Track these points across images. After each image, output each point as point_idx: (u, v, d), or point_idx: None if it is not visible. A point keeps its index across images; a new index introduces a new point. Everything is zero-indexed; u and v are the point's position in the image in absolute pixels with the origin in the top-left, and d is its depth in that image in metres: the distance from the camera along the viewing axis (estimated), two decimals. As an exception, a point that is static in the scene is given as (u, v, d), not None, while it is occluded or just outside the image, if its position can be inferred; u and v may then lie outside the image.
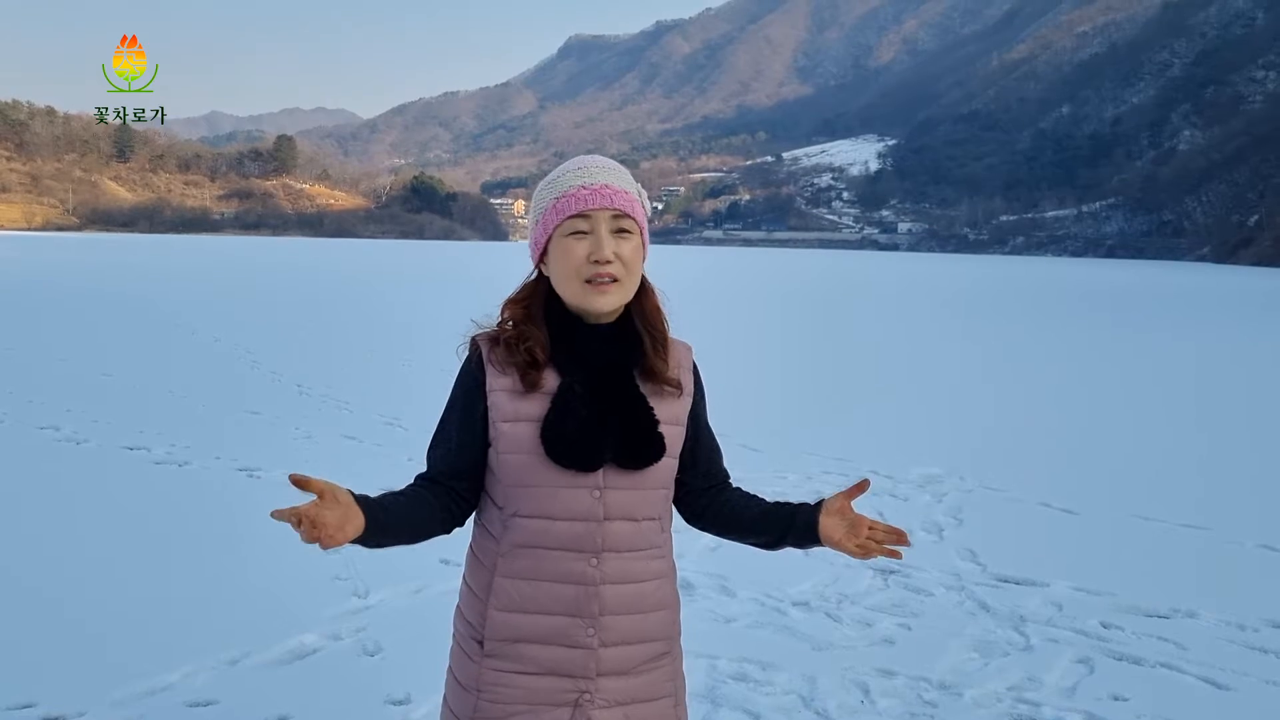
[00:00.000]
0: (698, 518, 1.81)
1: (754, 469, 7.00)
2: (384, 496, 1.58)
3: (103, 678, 3.45)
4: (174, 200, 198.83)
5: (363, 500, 1.51)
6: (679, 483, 1.74)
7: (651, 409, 1.63)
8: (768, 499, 1.80)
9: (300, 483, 1.42)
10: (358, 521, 1.47)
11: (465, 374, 1.68)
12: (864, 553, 1.65)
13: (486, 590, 1.64)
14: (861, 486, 1.69)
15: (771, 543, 1.76)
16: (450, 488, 1.66)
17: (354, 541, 1.49)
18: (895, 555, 1.66)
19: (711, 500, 1.79)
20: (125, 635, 3.86)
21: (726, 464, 1.85)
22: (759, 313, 25.32)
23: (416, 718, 3.28)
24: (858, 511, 1.68)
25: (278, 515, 1.39)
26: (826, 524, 1.67)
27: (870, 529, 1.66)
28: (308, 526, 1.40)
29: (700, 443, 1.76)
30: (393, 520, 1.56)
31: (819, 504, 1.71)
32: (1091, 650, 4.01)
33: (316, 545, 1.42)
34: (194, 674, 3.52)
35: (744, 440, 7.81)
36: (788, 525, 1.72)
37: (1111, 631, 4.23)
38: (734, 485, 1.84)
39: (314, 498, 1.43)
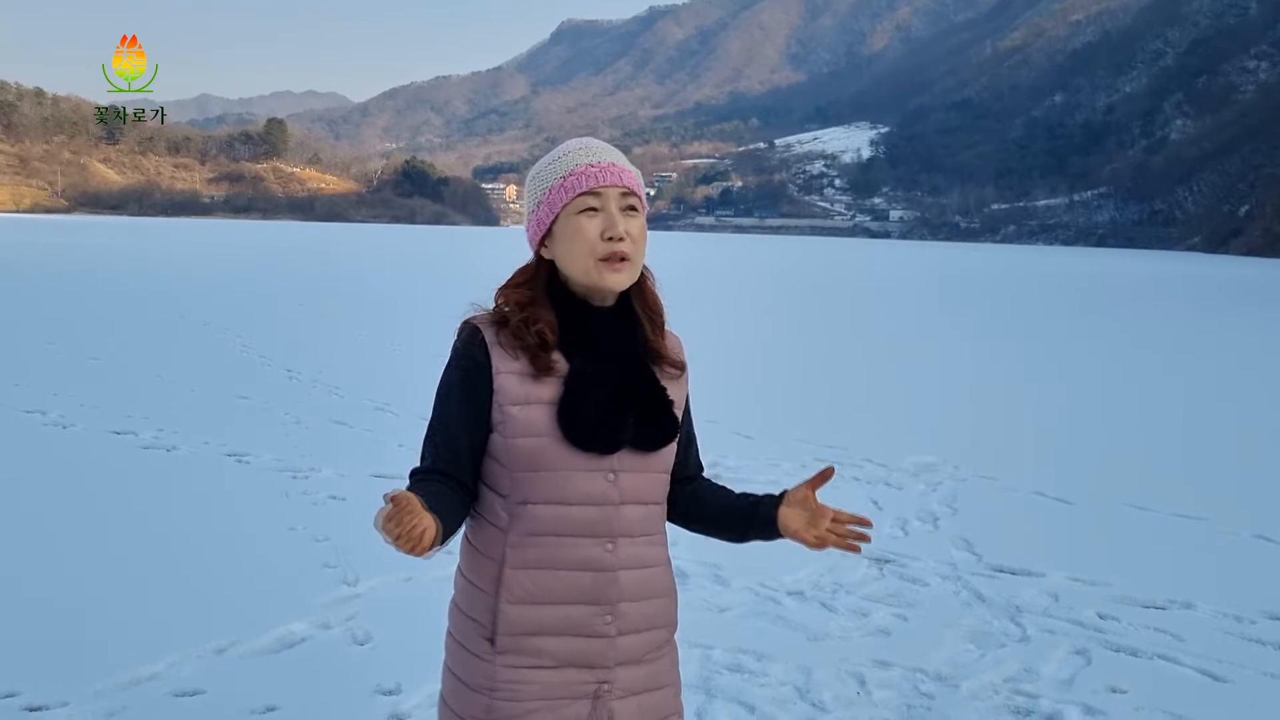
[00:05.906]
0: (669, 507, 1.75)
1: (747, 457, 6.94)
2: (426, 499, 1.47)
3: (86, 667, 3.39)
4: (163, 183, 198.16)
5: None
6: None
7: (664, 388, 1.62)
8: (734, 491, 1.76)
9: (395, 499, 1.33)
10: (435, 527, 1.40)
11: (463, 357, 1.59)
12: (820, 544, 1.63)
13: (495, 584, 1.57)
14: (825, 475, 1.65)
15: (737, 536, 1.74)
16: (455, 478, 1.59)
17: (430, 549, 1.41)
18: (854, 549, 1.63)
19: (681, 490, 1.75)
20: (110, 623, 3.80)
21: (719, 452, 1.82)
22: (751, 299, 25.28)
23: (407, 708, 3.23)
24: (821, 501, 1.64)
25: (384, 521, 1.32)
26: (786, 514, 1.66)
27: (834, 519, 1.62)
28: (407, 527, 1.32)
29: (684, 432, 1.74)
30: (447, 521, 1.48)
31: (782, 494, 1.69)
32: (1088, 641, 3.98)
33: (412, 554, 1.35)
34: (180, 663, 3.46)
35: (736, 428, 7.75)
36: (751, 517, 1.70)
37: (1108, 622, 4.20)
38: (705, 477, 1.83)
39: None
